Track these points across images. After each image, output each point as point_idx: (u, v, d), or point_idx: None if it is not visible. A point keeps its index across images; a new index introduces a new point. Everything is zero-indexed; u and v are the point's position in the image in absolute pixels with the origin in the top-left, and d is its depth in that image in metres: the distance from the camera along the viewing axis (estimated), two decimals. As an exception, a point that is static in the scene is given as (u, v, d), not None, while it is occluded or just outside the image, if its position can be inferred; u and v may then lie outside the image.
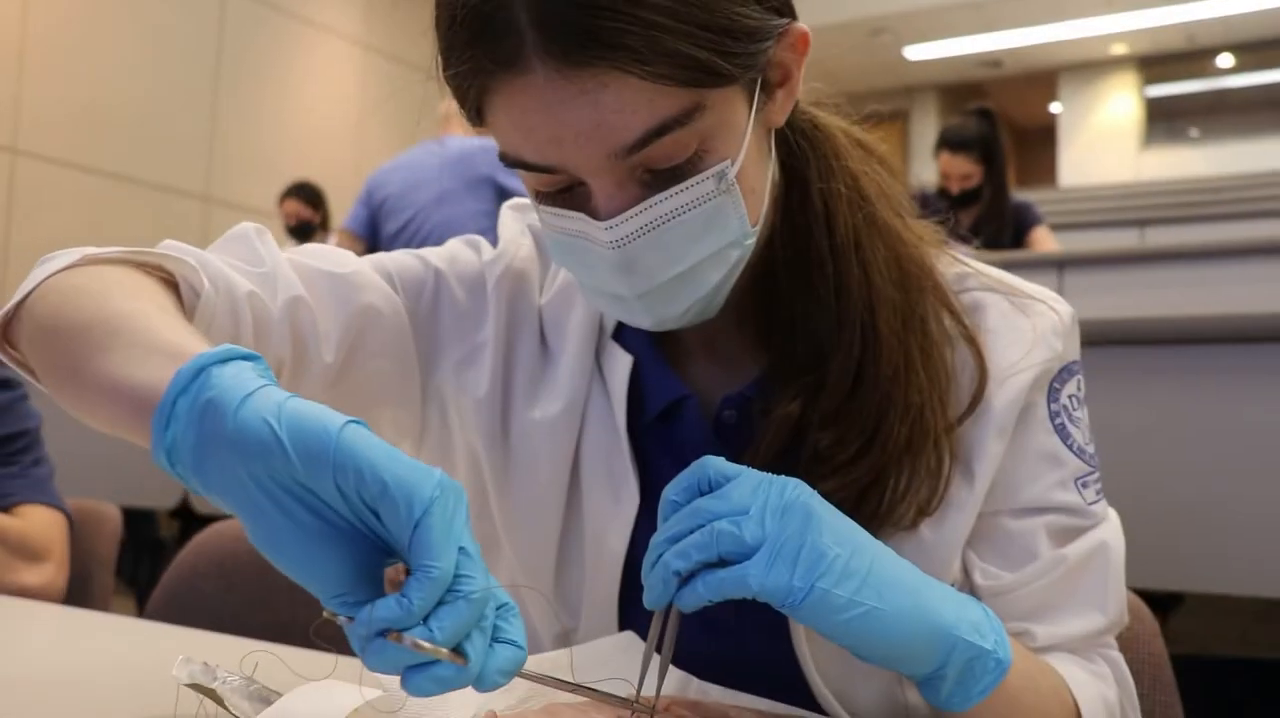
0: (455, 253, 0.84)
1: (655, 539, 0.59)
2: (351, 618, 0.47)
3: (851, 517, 0.67)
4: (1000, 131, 3.80)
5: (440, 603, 0.46)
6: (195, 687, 0.57)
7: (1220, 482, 1.66)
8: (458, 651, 0.47)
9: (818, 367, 0.71)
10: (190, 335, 0.58)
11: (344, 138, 8.12)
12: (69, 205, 6.21)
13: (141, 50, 6.59)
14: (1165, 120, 11.64)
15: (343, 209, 5.27)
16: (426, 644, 0.46)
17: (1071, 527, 0.74)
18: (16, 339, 0.69)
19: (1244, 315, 1.68)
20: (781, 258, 0.74)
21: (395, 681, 0.56)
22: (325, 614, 0.48)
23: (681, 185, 0.63)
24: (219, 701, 0.57)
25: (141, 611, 1.58)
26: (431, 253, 0.84)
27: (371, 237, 3.80)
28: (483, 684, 0.48)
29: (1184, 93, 11.64)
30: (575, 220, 0.65)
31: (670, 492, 0.60)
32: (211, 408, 0.49)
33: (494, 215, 3.40)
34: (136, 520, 2.25)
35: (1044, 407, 0.75)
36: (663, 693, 0.62)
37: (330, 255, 0.79)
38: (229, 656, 0.66)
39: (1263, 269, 3.06)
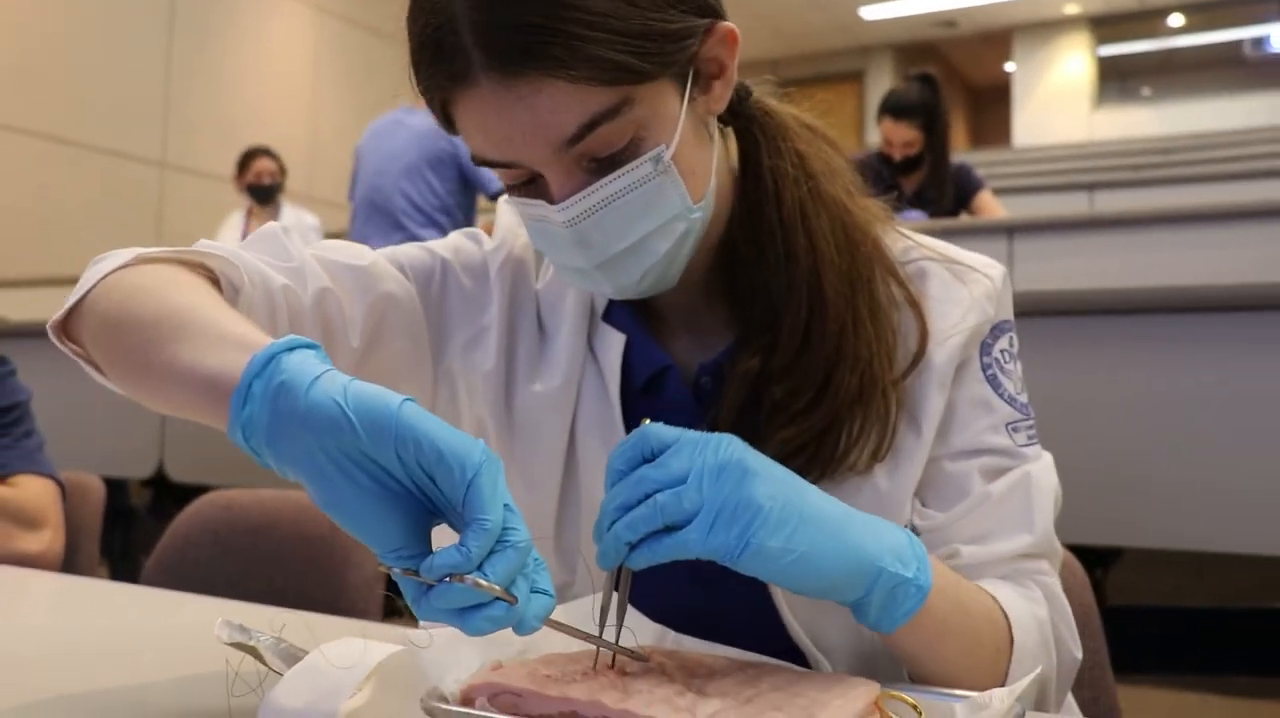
0: (459, 244, 0.92)
1: (605, 507, 0.65)
2: (407, 570, 0.55)
3: (810, 460, 0.78)
4: (943, 97, 3.83)
5: (492, 552, 0.54)
6: (237, 645, 0.64)
7: (1157, 444, 1.77)
8: (507, 592, 0.54)
9: (772, 327, 0.80)
10: (249, 327, 0.66)
11: (299, 101, 8.04)
12: (19, 170, 6.12)
13: (91, 11, 6.48)
14: (1118, 80, 11.79)
15: (300, 177, 5.26)
16: (485, 583, 0.53)
17: (1002, 466, 0.83)
18: (77, 334, 0.77)
19: (1177, 287, 1.78)
20: (740, 234, 0.83)
21: (416, 636, 0.63)
22: (381, 568, 0.56)
23: (622, 170, 0.73)
24: (259, 657, 0.64)
25: (114, 578, 1.63)
26: (437, 245, 0.92)
27: None
28: (523, 628, 0.56)
29: (1135, 52, 11.78)
30: (538, 207, 0.75)
31: (615, 460, 0.66)
32: (284, 389, 0.56)
33: (456, 194, 3.45)
34: (107, 489, 2.27)
35: (977, 360, 0.84)
36: (641, 645, 0.70)
37: (348, 250, 0.87)
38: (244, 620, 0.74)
39: (1207, 236, 3.17)
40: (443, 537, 0.57)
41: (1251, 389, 1.70)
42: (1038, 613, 0.79)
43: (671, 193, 0.75)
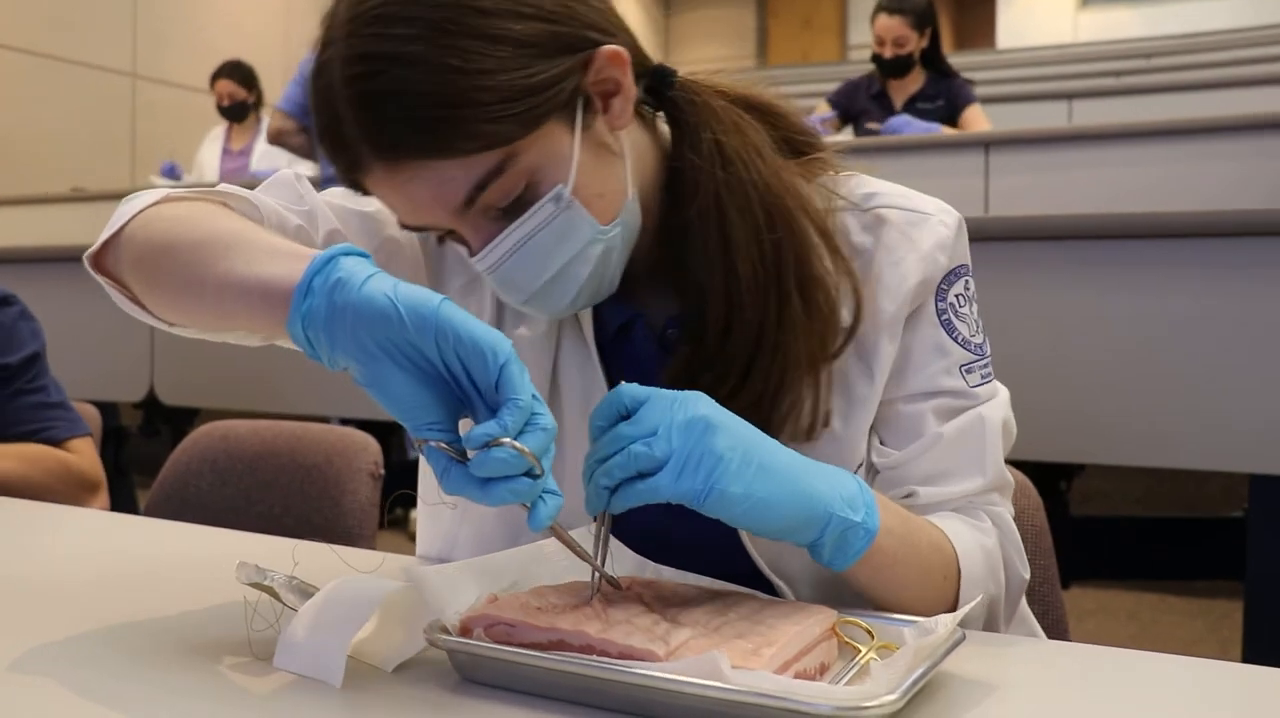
0: None
1: (587, 460, 0.72)
2: (440, 442, 0.63)
3: None
4: (934, 7, 3.92)
5: (523, 431, 0.62)
6: (255, 585, 0.70)
7: (1119, 365, 1.83)
8: (539, 462, 0.62)
9: (701, 314, 0.84)
10: (295, 244, 0.74)
11: (271, 8, 7.88)
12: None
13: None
14: (1105, -23, 11.60)
15: (274, 86, 5.20)
16: (521, 446, 0.60)
17: (955, 407, 0.88)
18: (109, 266, 0.84)
19: (1141, 214, 1.83)
20: (669, 222, 0.86)
21: (418, 573, 0.69)
22: (416, 445, 0.64)
23: (526, 215, 0.77)
24: (276, 596, 0.70)
25: (110, 495, 1.69)
26: None
27: (305, 115, 3.80)
28: (535, 521, 0.63)
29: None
30: (463, 250, 0.81)
31: (595, 418, 0.72)
32: (340, 285, 0.64)
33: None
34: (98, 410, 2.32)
35: (932, 305, 0.88)
36: (622, 574, 0.76)
37: (355, 196, 0.91)
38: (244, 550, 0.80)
39: (1187, 150, 3.18)
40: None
41: (1216, 313, 1.76)
42: (985, 543, 0.85)
43: (580, 224, 0.79)
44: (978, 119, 3.92)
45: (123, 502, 2.93)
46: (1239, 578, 1.90)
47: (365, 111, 0.73)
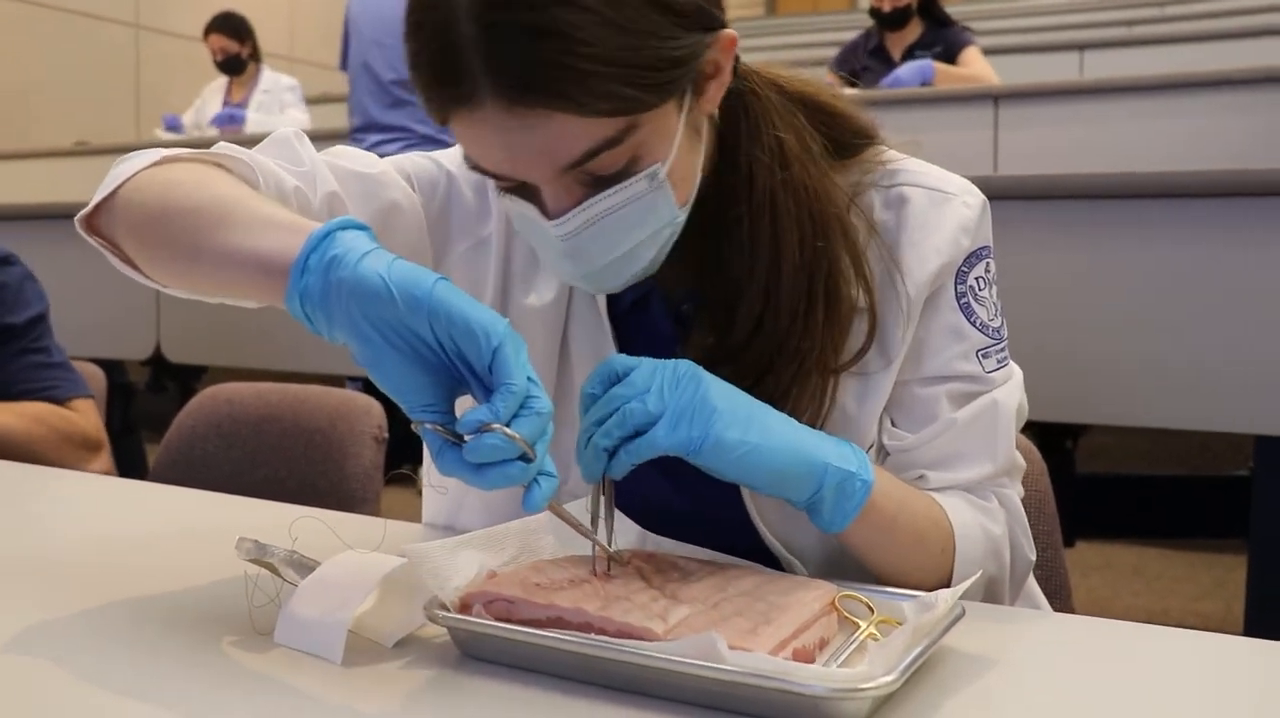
0: (463, 158, 0.95)
1: (582, 425, 0.72)
2: (435, 424, 0.62)
3: None
4: None
5: (517, 414, 0.61)
6: (255, 561, 0.71)
7: (1125, 325, 1.82)
8: (531, 448, 0.61)
9: (731, 306, 0.83)
10: (292, 213, 0.72)
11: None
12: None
13: None
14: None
15: (273, 39, 5.14)
16: (513, 433, 0.60)
17: (970, 392, 0.87)
18: (103, 228, 0.81)
19: (1148, 174, 1.81)
20: (711, 207, 0.83)
21: (418, 548, 0.69)
22: (413, 426, 0.63)
23: (618, 187, 0.74)
24: (276, 572, 0.71)
25: (116, 452, 1.70)
26: (443, 156, 0.95)
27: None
28: (530, 504, 0.63)
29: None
30: (529, 210, 0.76)
31: (587, 386, 0.73)
32: (336, 262, 0.63)
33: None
34: (104, 368, 2.33)
35: (952, 288, 0.87)
36: (623, 547, 0.76)
37: (358, 157, 0.90)
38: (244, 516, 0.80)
39: (1199, 103, 3.14)
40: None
41: (1226, 273, 1.75)
42: (986, 525, 0.85)
43: (662, 205, 0.76)
44: (975, 59, 3.91)
45: (130, 458, 2.95)
46: (1243, 536, 1.90)
47: (504, 44, 0.67)
